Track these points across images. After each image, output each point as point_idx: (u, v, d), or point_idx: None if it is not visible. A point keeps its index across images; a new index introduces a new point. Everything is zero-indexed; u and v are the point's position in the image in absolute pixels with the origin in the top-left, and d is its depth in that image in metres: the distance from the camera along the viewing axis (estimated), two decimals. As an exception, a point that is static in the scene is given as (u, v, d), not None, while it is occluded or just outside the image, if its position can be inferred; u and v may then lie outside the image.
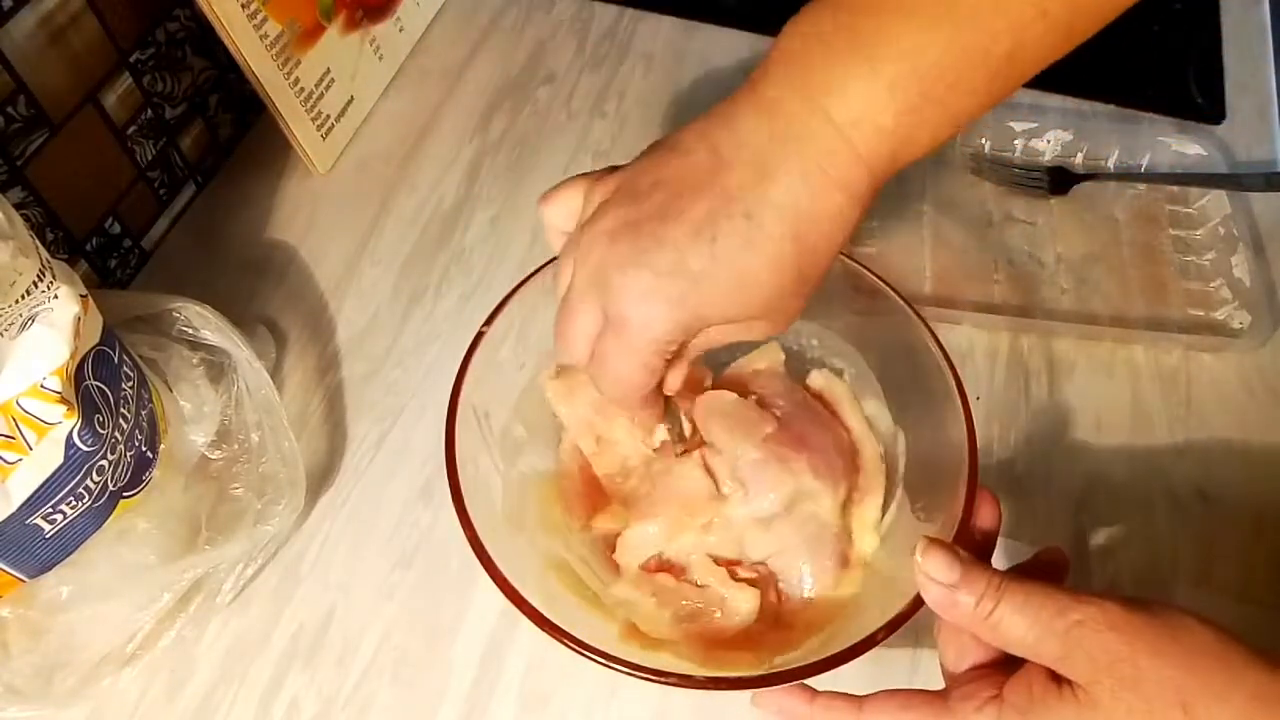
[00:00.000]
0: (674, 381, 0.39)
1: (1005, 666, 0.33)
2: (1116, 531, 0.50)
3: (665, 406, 0.41)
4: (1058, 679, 0.30)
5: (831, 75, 0.32)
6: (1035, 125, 0.66)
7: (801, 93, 0.32)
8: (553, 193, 0.38)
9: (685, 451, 0.44)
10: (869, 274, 0.46)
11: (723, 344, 0.37)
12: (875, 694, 0.35)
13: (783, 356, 0.49)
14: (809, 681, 0.36)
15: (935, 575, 0.32)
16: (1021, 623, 0.31)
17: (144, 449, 0.43)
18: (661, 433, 0.44)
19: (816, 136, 0.32)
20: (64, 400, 0.38)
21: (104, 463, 0.40)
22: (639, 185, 0.34)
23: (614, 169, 0.36)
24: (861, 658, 0.35)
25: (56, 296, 0.38)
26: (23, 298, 0.37)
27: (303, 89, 0.63)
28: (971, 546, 0.36)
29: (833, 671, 0.35)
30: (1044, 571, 0.37)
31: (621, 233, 0.33)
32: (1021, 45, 0.31)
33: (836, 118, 0.32)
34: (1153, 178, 0.64)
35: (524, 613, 0.36)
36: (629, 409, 0.40)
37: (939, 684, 0.44)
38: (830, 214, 0.33)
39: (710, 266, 0.32)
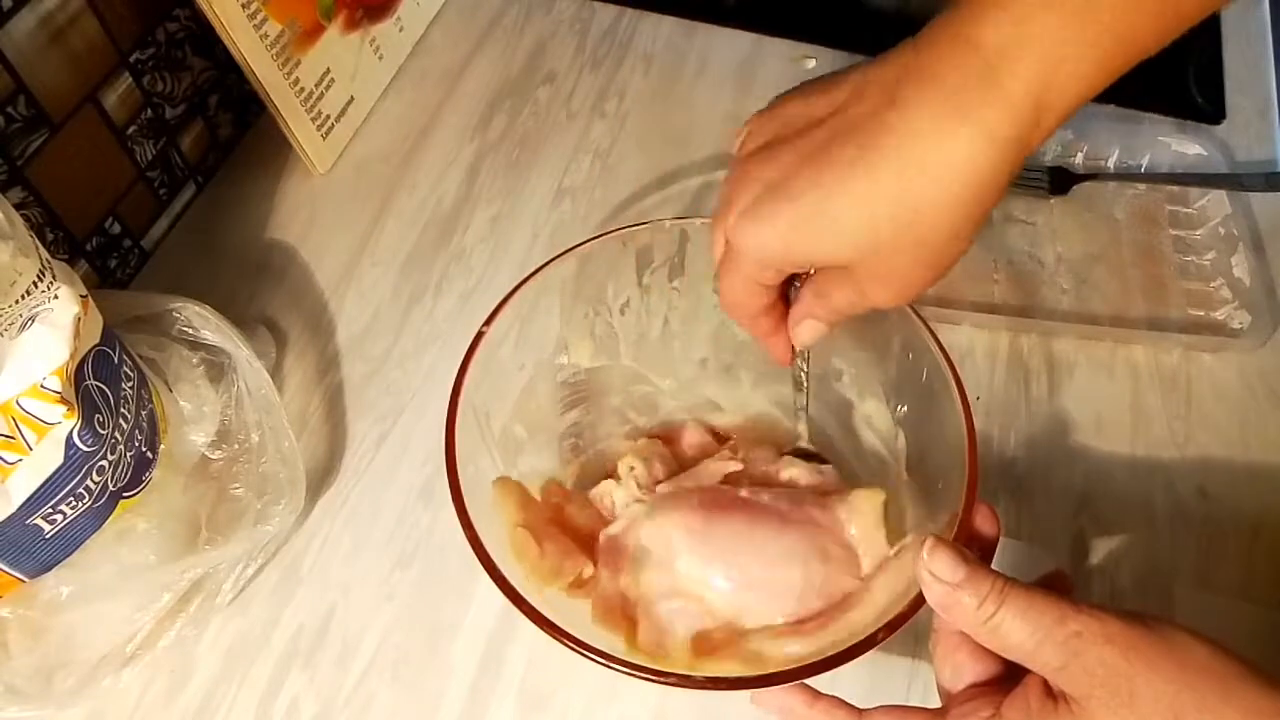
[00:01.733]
0: (804, 334, 0.39)
1: (1001, 684, 0.33)
2: (1116, 531, 0.50)
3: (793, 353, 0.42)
4: (1054, 695, 0.30)
5: (1047, 38, 0.29)
6: (1035, 125, 0.66)
7: (1014, 50, 0.29)
8: (742, 131, 0.38)
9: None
10: (869, 274, 0.45)
11: (847, 311, 0.37)
12: (876, 708, 0.35)
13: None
14: (810, 683, 0.36)
15: (940, 574, 0.32)
16: (1022, 628, 0.30)
17: (144, 449, 0.43)
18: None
19: (1002, 103, 0.30)
20: (64, 400, 0.38)
21: (104, 463, 0.40)
22: (790, 118, 0.35)
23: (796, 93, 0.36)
24: (860, 659, 0.35)
25: (56, 297, 0.38)
26: (23, 298, 0.37)
27: (303, 89, 0.63)
28: (971, 550, 0.36)
29: (832, 672, 0.35)
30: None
31: (754, 165, 0.35)
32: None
33: (1033, 89, 0.29)
34: (1153, 178, 0.64)
35: (524, 612, 0.36)
36: (764, 338, 0.40)
37: (936, 689, 0.44)
38: (981, 164, 0.30)
39: (821, 195, 0.32)
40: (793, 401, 0.46)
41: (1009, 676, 0.33)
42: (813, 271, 0.38)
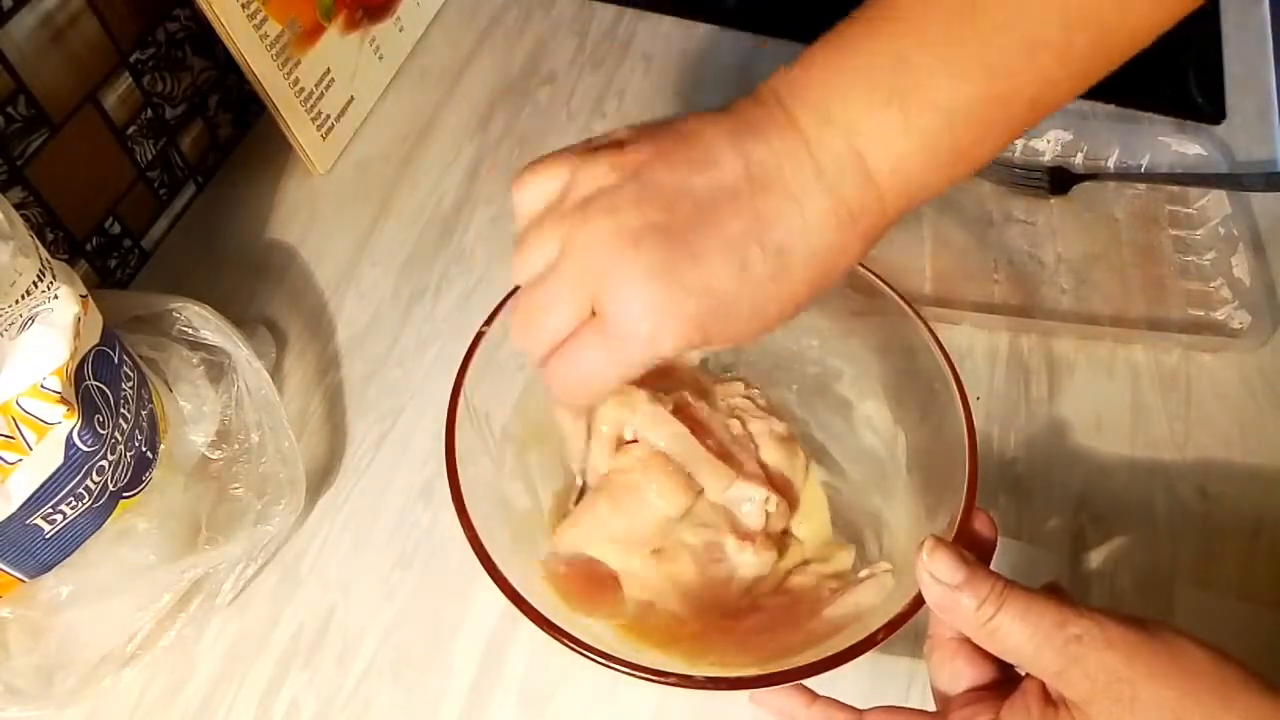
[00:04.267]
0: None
1: (999, 688, 0.33)
2: (1116, 531, 0.50)
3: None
4: (1053, 700, 0.30)
5: (870, 118, 0.31)
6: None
7: (840, 128, 0.31)
8: (529, 175, 0.34)
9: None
10: (868, 274, 0.46)
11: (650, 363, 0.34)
12: (875, 709, 0.35)
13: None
14: (809, 684, 0.36)
15: (940, 576, 0.32)
16: (1021, 631, 0.30)
17: (144, 449, 0.43)
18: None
19: (851, 182, 0.32)
20: (64, 400, 0.38)
21: (104, 463, 0.40)
22: (662, 185, 0.32)
23: (595, 148, 0.34)
24: (860, 659, 0.35)
25: (56, 296, 0.38)
26: (23, 298, 0.37)
27: (303, 89, 0.63)
28: (971, 551, 0.36)
29: (832, 672, 0.35)
30: None
31: (648, 236, 0.31)
32: (1044, 91, 0.31)
33: (871, 165, 0.31)
34: (1153, 178, 0.64)
35: (524, 612, 0.36)
36: (574, 409, 0.39)
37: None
38: (848, 263, 0.33)
39: (735, 291, 0.31)
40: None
41: (1006, 680, 0.33)
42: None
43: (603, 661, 0.35)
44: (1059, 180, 0.64)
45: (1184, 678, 0.28)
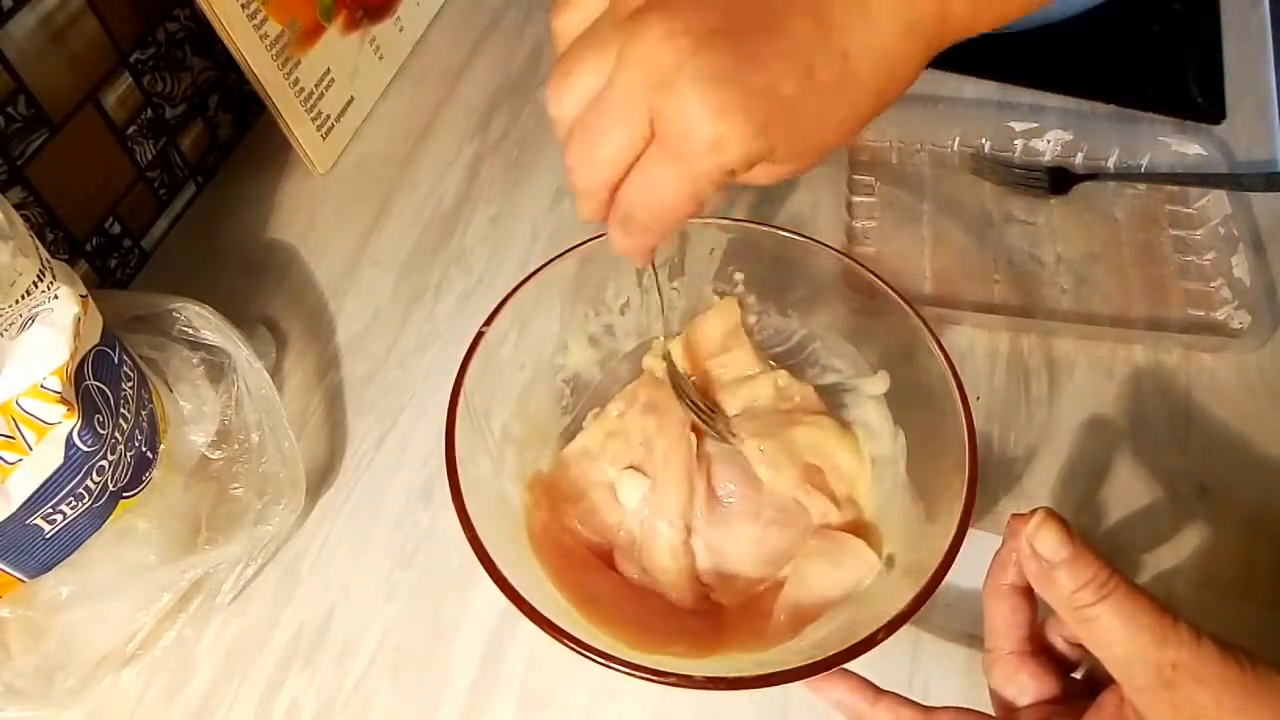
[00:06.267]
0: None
1: (1069, 703, 0.33)
2: (1117, 532, 0.50)
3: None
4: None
5: None
6: (1035, 125, 0.66)
7: None
8: None
9: None
10: (869, 274, 0.46)
11: (717, 182, 0.32)
12: (945, 708, 0.35)
13: (739, 315, 0.50)
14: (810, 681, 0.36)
15: (1042, 550, 0.31)
16: (1118, 631, 0.29)
17: (144, 449, 0.43)
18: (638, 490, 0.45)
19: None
20: (64, 400, 0.38)
21: (104, 463, 0.40)
22: None
23: None
24: (861, 659, 0.35)
25: (56, 296, 0.38)
26: (23, 298, 0.37)
27: (303, 89, 0.63)
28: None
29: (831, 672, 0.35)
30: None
31: (708, 40, 0.29)
32: None
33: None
34: (1153, 178, 0.64)
35: (524, 612, 0.36)
36: (645, 248, 0.35)
37: (938, 682, 0.44)
38: (910, 73, 0.32)
39: (800, 97, 0.30)
40: (661, 311, 0.44)
41: (1073, 694, 0.33)
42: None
43: (603, 661, 0.35)
44: (1059, 180, 0.64)
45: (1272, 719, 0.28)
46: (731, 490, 0.45)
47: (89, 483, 0.40)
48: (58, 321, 0.38)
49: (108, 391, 0.41)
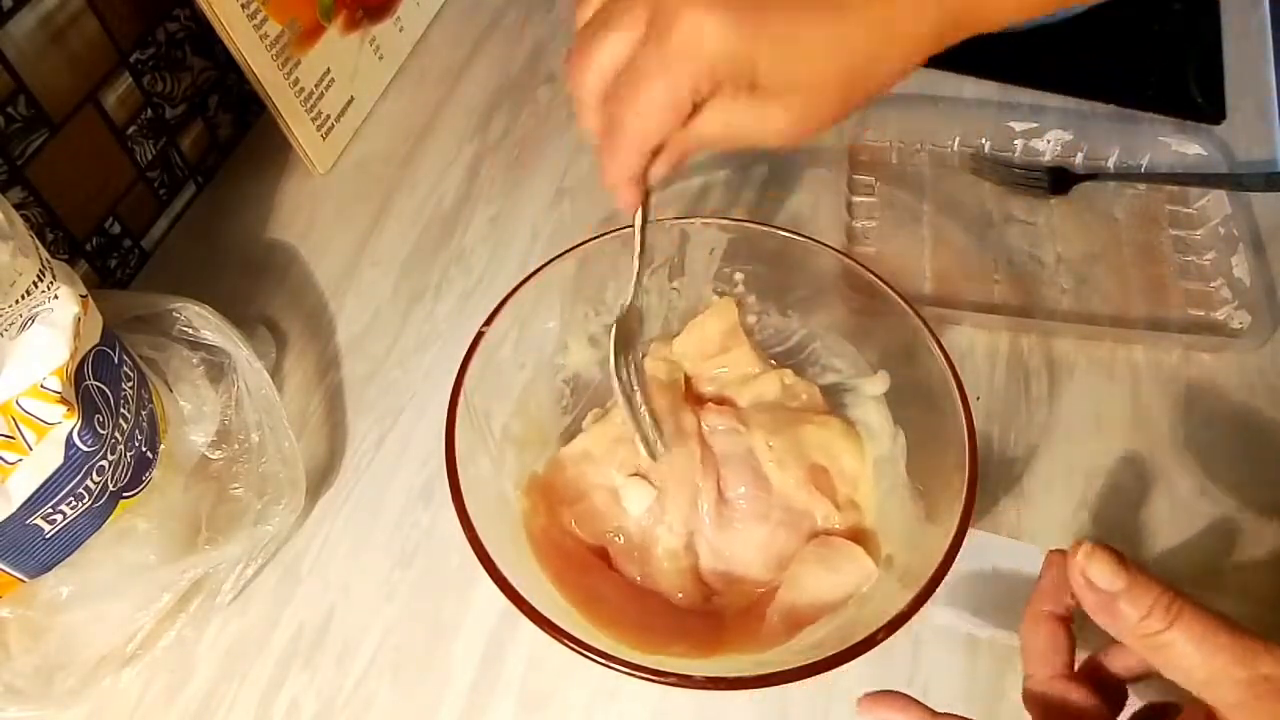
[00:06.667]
0: (659, 171, 0.37)
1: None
2: (1116, 532, 0.50)
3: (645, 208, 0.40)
4: None
5: None
6: (1035, 125, 0.66)
7: None
8: None
9: None
10: (869, 274, 0.46)
11: (725, 141, 0.35)
12: None
13: (736, 315, 0.50)
14: (811, 681, 0.36)
15: (1098, 581, 0.31)
16: (1196, 655, 0.29)
17: (144, 449, 0.43)
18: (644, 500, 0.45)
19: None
20: (64, 400, 0.38)
21: (104, 463, 0.40)
22: None
23: None
24: (860, 659, 0.35)
25: (56, 296, 0.38)
26: (23, 298, 0.37)
27: (303, 89, 0.63)
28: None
29: (832, 672, 0.35)
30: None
31: None
32: None
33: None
34: (1153, 178, 0.64)
35: (524, 612, 0.36)
36: (631, 172, 0.37)
37: (938, 682, 0.44)
38: (911, 45, 0.33)
39: (791, 17, 0.32)
40: (632, 266, 0.43)
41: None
42: None
43: (603, 661, 0.35)
44: (1059, 180, 0.64)
45: None
46: (742, 493, 0.45)
47: (89, 483, 0.40)
48: (58, 321, 0.38)
49: (108, 391, 0.41)
